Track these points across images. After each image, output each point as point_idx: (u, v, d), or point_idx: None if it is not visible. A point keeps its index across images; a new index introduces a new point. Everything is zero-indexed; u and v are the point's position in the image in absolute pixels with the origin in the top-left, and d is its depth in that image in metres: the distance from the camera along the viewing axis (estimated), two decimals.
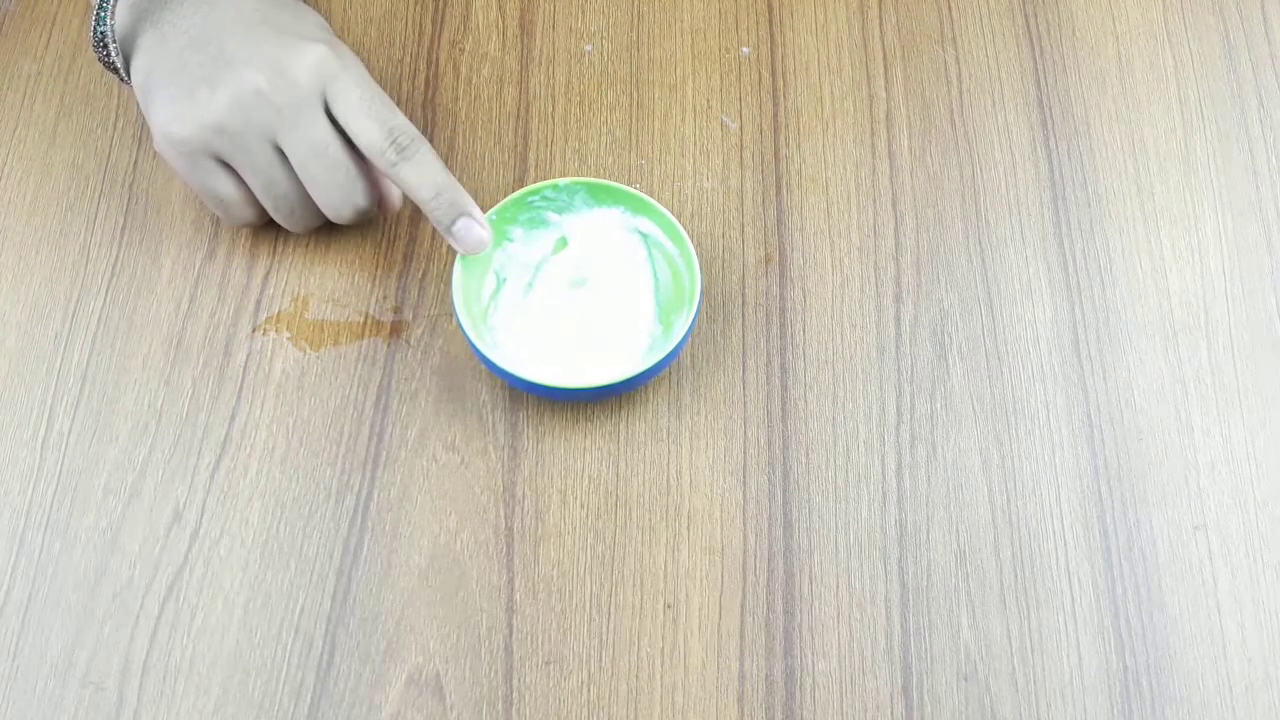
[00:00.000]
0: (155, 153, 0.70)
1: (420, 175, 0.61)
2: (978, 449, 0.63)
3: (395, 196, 0.66)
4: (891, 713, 0.58)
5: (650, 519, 0.61)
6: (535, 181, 0.68)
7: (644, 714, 0.57)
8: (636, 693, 0.58)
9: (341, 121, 0.61)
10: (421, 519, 0.61)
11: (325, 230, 0.68)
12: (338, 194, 0.63)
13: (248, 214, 0.65)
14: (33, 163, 0.70)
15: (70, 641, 0.59)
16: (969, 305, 0.66)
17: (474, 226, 0.62)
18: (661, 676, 0.58)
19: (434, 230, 0.68)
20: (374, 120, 0.60)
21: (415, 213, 0.69)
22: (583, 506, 0.62)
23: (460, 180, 0.62)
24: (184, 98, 0.61)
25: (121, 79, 0.65)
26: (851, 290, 0.67)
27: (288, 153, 0.61)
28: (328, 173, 0.62)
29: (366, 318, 0.66)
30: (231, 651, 0.59)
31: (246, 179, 0.63)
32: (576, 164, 0.70)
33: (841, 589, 0.60)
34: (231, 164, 0.62)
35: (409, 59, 0.73)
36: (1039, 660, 0.59)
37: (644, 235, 0.65)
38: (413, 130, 0.61)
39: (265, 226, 0.67)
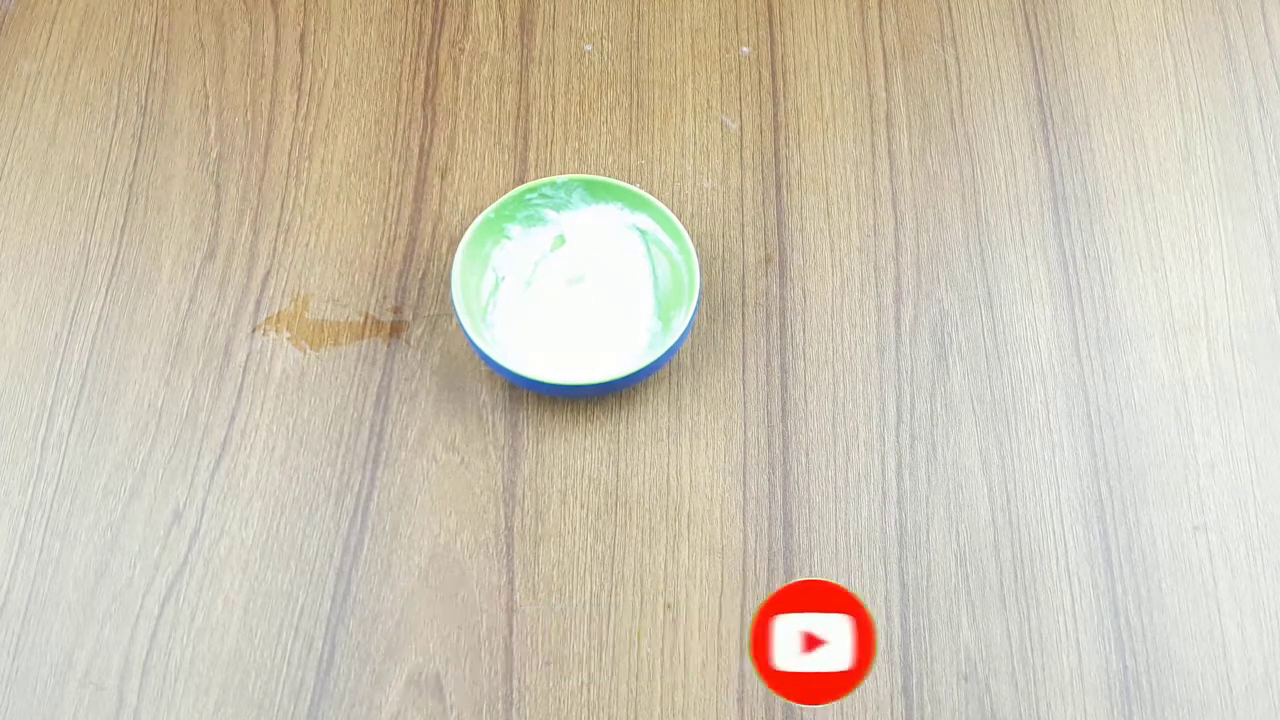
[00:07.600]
0: (155, 152, 0.70)
1: None
2: (978, 449, 0.63)
3: None
4: (891, 713, 0.58)
5: (650, 519, 0.61)
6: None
7: (644, 714, 0.57)
8: (636, 693, 0.58)
9: None
10: (421, 519, 0.61)
11: (325, 230, 0.68)
12: None
13: None
14: (33, 163, 0.70)
15: (70, 641, 0.59)
16: (969, 305, 0.66)
17: None
18: (661, 676, 0.58)
19: (434, 230, 0.68)
20: None
21: (415, 213, 0.69)
22: (583, 506, 0.62)
23: (460, 179, 0.62)
24: None
25: None
26: (851, 290, 0.67)
27: None
28: None
29: (366, 318, 0.66)
30: (231, 651, 0.59)
31: None
32: (576, 164, 0.70)
33: None
34: None
35: (409, 59, 0.73)
36: (1039, 660, 0.59)
37: (642, 232, 0.65)
38: None
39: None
